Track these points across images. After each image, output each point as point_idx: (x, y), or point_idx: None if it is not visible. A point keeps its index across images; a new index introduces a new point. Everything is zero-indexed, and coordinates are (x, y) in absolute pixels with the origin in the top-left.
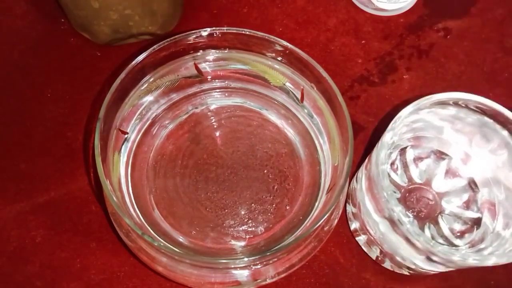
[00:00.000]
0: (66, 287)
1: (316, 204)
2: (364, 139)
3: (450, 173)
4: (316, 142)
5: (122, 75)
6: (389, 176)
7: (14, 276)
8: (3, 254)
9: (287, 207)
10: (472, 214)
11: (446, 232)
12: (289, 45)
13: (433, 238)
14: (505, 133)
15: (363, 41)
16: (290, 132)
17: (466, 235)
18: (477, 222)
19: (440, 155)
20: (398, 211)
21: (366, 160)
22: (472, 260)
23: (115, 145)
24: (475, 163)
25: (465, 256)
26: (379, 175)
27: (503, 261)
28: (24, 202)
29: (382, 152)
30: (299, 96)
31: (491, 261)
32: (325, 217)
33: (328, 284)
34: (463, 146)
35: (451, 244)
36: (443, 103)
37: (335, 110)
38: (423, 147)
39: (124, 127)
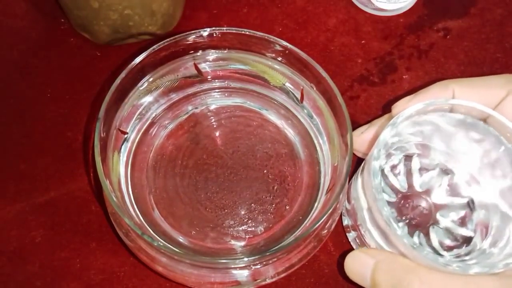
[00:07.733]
0: (66, 287)
1: (316, 204)
2: None
3: (451, 189)
4: (316, 142)
5: (122, 75)
6: (387, 178)
7: (14, 276)
8: (3, 254)
9: (287, 207)
10: (465, 232)
11: (435, 243)
12: (289, 45)
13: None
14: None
15: (363, 41)
16: (290, 132)
17: (455, 249)
18: (467, 240)
19: (446, 169)
20: (387, 212)
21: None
22: (456, 267)
23: (115, 145)
24: (479, 183)
25: (449, 262)
26: (370, 172)
27: (485, 271)
28: (24, 202)
29: (376, 150)
30: (299, 96)
31: (473, 270)
32: (325, 217)
33: (328, 284)
34: (470, 164)
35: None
36: (447, 111)
37: (335, 110)
38: (430, 158)
39: (124, 127)
